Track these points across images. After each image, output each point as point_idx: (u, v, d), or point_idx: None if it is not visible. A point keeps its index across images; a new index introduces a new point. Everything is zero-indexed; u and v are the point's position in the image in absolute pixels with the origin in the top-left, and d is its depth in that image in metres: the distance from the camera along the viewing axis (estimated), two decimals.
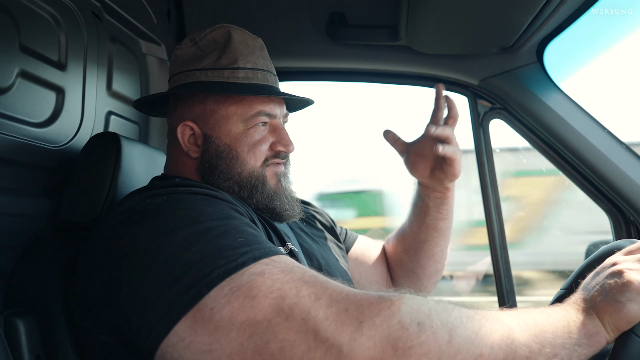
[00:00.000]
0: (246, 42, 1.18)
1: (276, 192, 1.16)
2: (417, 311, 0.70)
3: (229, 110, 1.13)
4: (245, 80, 1.14)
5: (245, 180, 1.13)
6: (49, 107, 1.24)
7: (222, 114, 1.13)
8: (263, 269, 0.75)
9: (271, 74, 1.20)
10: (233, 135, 1.13)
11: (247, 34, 1.20)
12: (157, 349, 0.73)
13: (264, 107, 1.14)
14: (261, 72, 1.17)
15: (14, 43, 1.11)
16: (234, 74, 1.14)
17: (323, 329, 0.68)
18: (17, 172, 1.13)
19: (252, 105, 1.13)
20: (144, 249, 0.79)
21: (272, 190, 1.15)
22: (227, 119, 1.13)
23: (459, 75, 1.85)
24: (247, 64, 1.15)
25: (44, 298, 1.00)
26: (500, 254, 1.86)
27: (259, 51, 1.20)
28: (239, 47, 1.16)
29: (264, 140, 1.15)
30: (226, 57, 1.15)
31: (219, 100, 1.14)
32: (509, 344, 0.71)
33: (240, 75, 1.14)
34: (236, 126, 1.13)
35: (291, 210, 1.18)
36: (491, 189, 1.88)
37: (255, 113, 1.13)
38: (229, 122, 1.13)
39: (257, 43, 1.21)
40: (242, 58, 1.15)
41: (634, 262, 0.82)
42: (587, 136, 1.66)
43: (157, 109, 1.31)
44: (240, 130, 1.13)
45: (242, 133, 1.13)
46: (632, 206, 1.63)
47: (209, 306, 0.71)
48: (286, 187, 1.19)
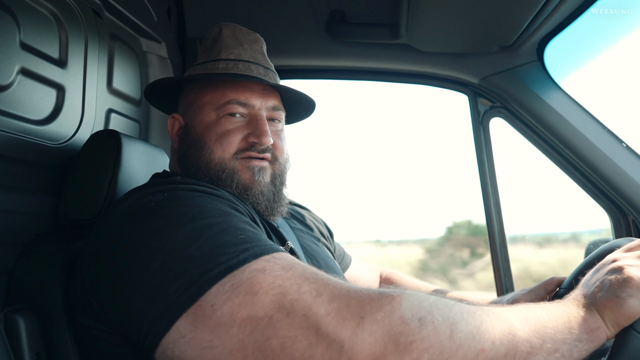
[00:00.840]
0: (235, 35, 1.19)
1: (249, 186, 1.11)
2: (418, 307, 0.70)
3: (204, 99, 1.15)
4: (224, 70, 1.15)
5: (212, 172, 1.11)
6: (50, 105, 1.24)
7: (198, 103, 1.16)
8: (264, 265, 0.75)
9: (259, 66, 1.18)
10: (204, 125, 1.14)
11: (239, 29, 1.21)
12: (158, 345, 0.73)
13: (237, 95, 1.13)
14: (243, 63, 1.16)
15: (15, 40, 1.11)
16: (215, 65, 1.16)
17: (324, 325, 0.68)
18: (18, 169, 1.14)
19: (225, 94, 1.13)
20: (145, 245, 0.79)
21: (243, 184, 1.11)
22: (201, 108, 1.15)
23: (459, 73, 1.85)
24: (229, 55, 1.16)
25: (44, 295, 1.01)
26: (500, 253, 1.87)
27: (249, 44, 1.20)
28: (225, 40, 1.18)
29: (237, 130, 1.13)
30: (213, 51, 1.18)
31: (199, 91, 1.17)
32: (510, 339, 0.71)
33: (220, 66, 1.15)
34: (208, 115, 1.14)
35: (270, 209, 1.14)
36: (491, 188, 1.88)
37: (227, 101, 1.12)
38: (202, 111, 1.15)
39: (248, 37, 1.21)
40: (225, 50, 1.17)
41: (634, 258, 0.83)
42: (588, 135, 1.66)
43: (168, 105, 1.35)
44: (211, 120, 1.13)
45: (213, 122, 1.13)
46: (632, 205, 1.63)
47: (210, 303, 0.71)
48: (262, 182, 1.13)
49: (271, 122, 1.19)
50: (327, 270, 1.21)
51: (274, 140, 1.16)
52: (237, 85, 1.14)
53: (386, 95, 18.52)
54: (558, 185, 1.83)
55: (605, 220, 1.76)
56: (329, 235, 1.51)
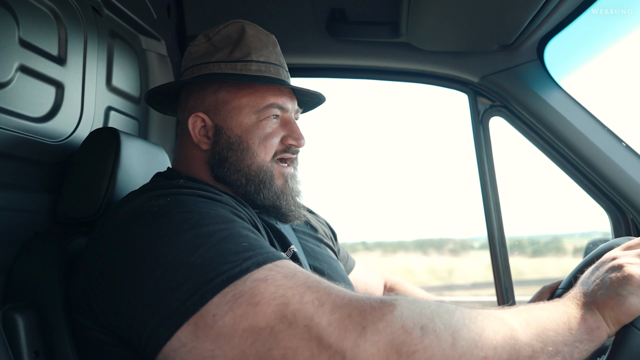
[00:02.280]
0: (259, 36, 1.18)
1: (283, 191, 1.15)
2: (420, 315, 0.70)
3: (241, 101, 1.13)
4: (257, 72, 1.14)
5: (253, 174, 1.12)
6: (49, 102, 1.23)
7: (234, 105, 1.13)
8: (266, 274, 0.75)
9: (283, 69, 1.20)
10: (245, 127, 1.13)
11: (261, 30, 1.21)
12: (158, 352, 0.73)
13: (276, 99, 1.14)
14: (273, 66, 1.17)
15: (14, 37, 1.10)
16: (247, 67, 1.14)
17: (326, 336, 0.68)
18: (17, 167, 1.13)
19: (265, 97, 1.13)
20: (147, 251, 0.79)
21: (279, 188, 1.15)
22: (239, 110, 1.13)
23: (460, 72, 1.84)
24: (260, 57, 1.15)
25: (43, 293, 1.00)
26: (499, 252, 1.87)
27: (272, 46, 1.20)
28: (252, 41, 1.16)
29: (275, 133, 1.15)
30: (239, 50, 1.15)
31: (231, 92, 1.14)
32: (512, 344, 0.71)
33: (253, 67, 1.14)
34: (248, 117, 1.13)
35: (296, 212, 1.18)
36: (491, 187, 1.88)
37: (268, 105, 1.13)
38: (241, 114, 1.13)
39: (270, 39, 1.21)
40: (255, 52, 1.15)
41: (634, 256, 0.83)
42: (587, 134, 1.66)
43: (168, 105, 1.31)
44: (252, 122, 1.13)
45: (254, 125, 1.13)
46: (631, 204, 1.63)
47: (212, 312, 0.71)
48: (293, 188, 1.18)
49: None
50: (330, 272, 1.21)
51: None
52: (273, 88, 1.15)
53: (386, 94, 18.55)
54: (556, 184, 1.83)
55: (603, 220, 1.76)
56: (333, 236, 1.51)
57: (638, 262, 0.80)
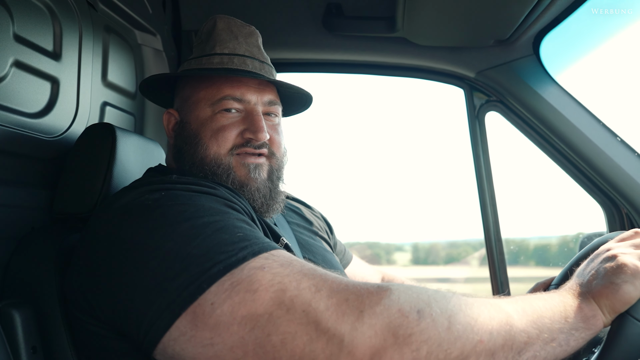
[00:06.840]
0: (230, 29, 1.18)
1: (244, 183, 1.11)
2: (417, 299, 0.71)
3: (199, 95, 1.14)
4: (219, 65, 1.14)
5: (207, 167, 1.11)
6: (44, 98, 1.23)
7: (193, 99, 1.15)
8: (263, 263, 0.75)
9: (254, 60, 1.17)
10: (200, 120, 1.13)
11: (235, 22, 1.20)
12: (158, 343, 0.73)
13: (233, 91, 1.12)
14: (238, 57, 1.15)
15: (8, 33, 1.10)
16: (210, 60, 1.15)
17: (324, 320, 0.69)
18: (12, 162, 1.13)
19: (220, 89, 1.12)
20: (143, 243, 0.79)
21: (239, 180, 1.11)
22: (197, 104, 1.14)
23: (456, 67, 1.85)
24: (224, 49, 1.15)
25: (40, 289, 1.00)
26: (494, 246, 1.88)
27: (244, 37, 1.18)
28: (220, 34, 1.17)
29: (232, 126, 1.12)
30: (207, 45, 1.17)
31: (193, 86, 1.16)
32: (507, 330, 0.72)
33: (215, 60, 1.15)
34: (204, 111, 1.13)
35: (266, 206, 1.13)
36: (486, 181, 1.89)
37: (222, 97, 1.12)
38: (198, 107, 1.14)
39: (243, 30, 1.19)
40: (219, 44, 1.16)
41: (628, 247, 0.85)
42: (583, 129, 1.67)
43: (161, 98, 1.35)
44: (207, 115, 1.13)
45: (209, 118, 1.13)
46: (626, 199, 1.64)
47: (210, 301, 0.72)
48: (259, 179, 1.13)
49: (267, 117, 1.18)
50: (324, 264, 1.22)
51: (271, 135, 1.16)
52: (233, 80, 1.13)
53: (382, 89, 18.53)
54: (552, 182, 1.84)
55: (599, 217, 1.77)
56: (329, 230, 1.51)
57: (632, 252, 0.82)
